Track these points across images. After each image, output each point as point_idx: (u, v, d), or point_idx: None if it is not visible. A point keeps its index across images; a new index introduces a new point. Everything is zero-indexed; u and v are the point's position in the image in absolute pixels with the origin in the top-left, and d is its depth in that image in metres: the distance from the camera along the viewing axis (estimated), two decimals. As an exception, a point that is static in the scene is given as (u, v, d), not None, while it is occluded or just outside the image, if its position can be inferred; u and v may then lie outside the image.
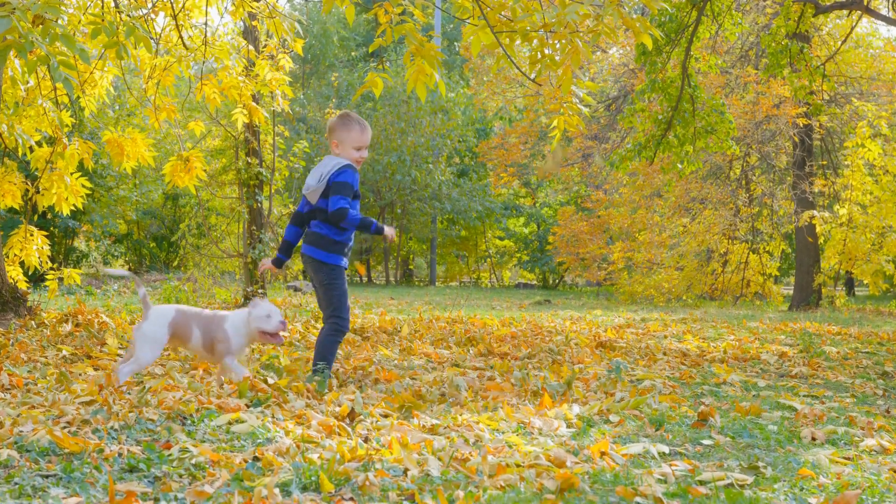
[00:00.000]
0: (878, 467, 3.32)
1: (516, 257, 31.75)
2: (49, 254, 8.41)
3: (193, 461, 3.01)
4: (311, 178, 4.85)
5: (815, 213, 15.45)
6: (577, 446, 3.49)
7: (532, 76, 5.42)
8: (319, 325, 7.80)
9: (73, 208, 8.24)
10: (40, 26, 4.09)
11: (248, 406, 4.00)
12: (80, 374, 4.93)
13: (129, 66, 10.16)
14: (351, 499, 2.73)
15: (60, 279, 8.59)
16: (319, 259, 4.82)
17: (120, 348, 5.95)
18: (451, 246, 32.09)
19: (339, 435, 3.58)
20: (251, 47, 8.98)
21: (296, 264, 19.99)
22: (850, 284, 26.02)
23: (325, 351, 4.77)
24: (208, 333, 4.55)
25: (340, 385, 4.89)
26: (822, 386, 5.61)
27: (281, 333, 4.63)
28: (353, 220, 4.73)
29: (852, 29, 13.12)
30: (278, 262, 5.03)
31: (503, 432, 3.73)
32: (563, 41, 4.95)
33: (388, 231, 4.86)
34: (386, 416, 4.00)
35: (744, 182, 18.76)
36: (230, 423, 3.59)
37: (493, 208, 28.70)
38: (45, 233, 8.54)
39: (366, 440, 3.49)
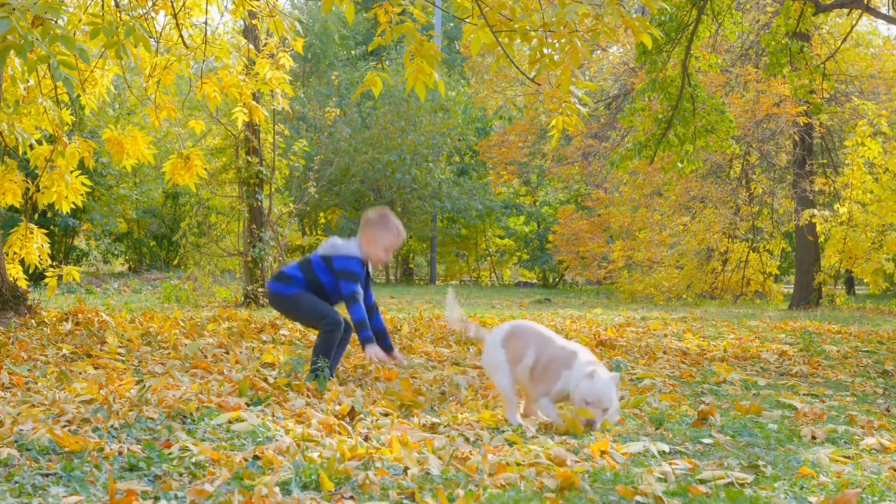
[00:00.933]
0: (878, 466, 3.32)
1: (516, 256, 31.74)
2: (49, 252, 8.40)
3: (193, 460, 3.01)
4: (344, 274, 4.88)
5: (816, 211, 15.44)
6: (577, 445, 3.49)
7: (531, 75, 5.41)
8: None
9: (73, 207, 8.24)
10: (40, 27, 4.09)
11: (248, 405, 4.00)
12: (80, 373, 4.94)
13: (129, 64, 10.16)
14: (351, 497, 2.74)
15: (60, 277, 8.59)
16: (278, 292, 4.94)
17: (120, 347, 5.95)
18: (451, 244, 32.08)
19: (340, 433, 3.58)
20: (251, 46, 8.98)
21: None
22: (850, 283, 26.01)
23: (322, 349, 4.78)
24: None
25: (341, 383, 4.89)
26: (823, 385, 5.61)
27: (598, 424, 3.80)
28: (358, 311, 4.77)
29: (852, 27, 13.11)
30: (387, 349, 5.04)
31: (503, 431, 3.73)
32: (563, 41, 4.94)
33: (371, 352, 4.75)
34: (386, 415, 4.00)
35: (744, 181, 18.75)
36: (230, 422, 3.59)
37: (494, 207, 28.69)
38: (45, 231, 8.54)
39: (366, 439, 3.49)
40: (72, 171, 8.06)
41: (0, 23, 3.93)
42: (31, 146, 7.71)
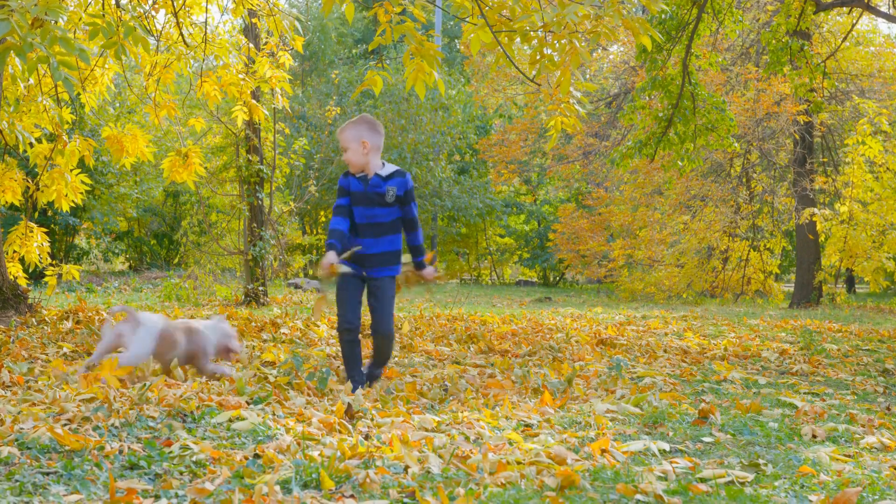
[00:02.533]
0: (878, 464, 3.32)
1: (517, 255, 31.73)
2: (49, 251, 8.40)
3: (194, 458, 3.02)
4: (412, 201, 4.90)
5: (816, 210, 15.44)
6: (577, 444, 3.49)
7: (531, 76, 5.41)
8: (320, 323, 7.81)
9: (73, 205, 8.24)
10: (39, 28, 4.08)
11: (248, 403, 4.00)
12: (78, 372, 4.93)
13: (129, 63, 10.16)
14: (351, 496, 2.74)
15: (60, 276, 8.59)
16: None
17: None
18: (451, 243, 32.07)
19: (340, 432, 3.58)
20: (251, 44, 8.98)
21: (297, 262, 20.01)
22: (850, 282, 26.00)
23: (343, 355, 4.82)
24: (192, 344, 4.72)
25: (341, 382, 4.89)
26: (823, 383, 5.61)
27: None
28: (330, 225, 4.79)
29: (853, 26, 13.10)
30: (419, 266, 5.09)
31: (504, 429, 3.73)
32: (563, 42, 4.94)
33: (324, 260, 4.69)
34: (387, 414, 4.00)
35: (744, 179, 18.75)
36: (231, 421, 3.59)
37: (494, 205, 28.67)
38: (46, 230, 8.53)
39: (366, 437, 3.49)
40: (72, 170, 8.06)
41: (-1, 25, 3.93)
42: (31, 144, 7.71)
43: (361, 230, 4.76)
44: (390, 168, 4.87)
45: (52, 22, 4.08)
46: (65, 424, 3.44)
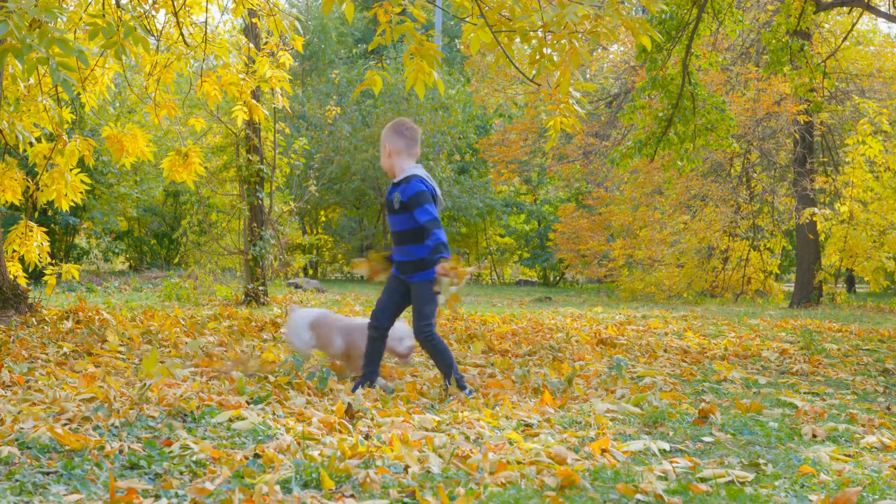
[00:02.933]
0: (878, 464, 3.32)
1: (517, 254, 31.73)
2: (49, 251, 8.40)
3: (194, 458, 3.02)
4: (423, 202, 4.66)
5: (816, 210, 15.43)
6: (577, 443, 3.49)
7: (531, 75, 5.41)
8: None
9: (73, 205, 8.23)
10: (38, 30, 4.08)
11: (248, 403, 4.00)
12: (81, 371, 4.93)
13: (129, 62, 10.16)
14: (352, 496, 2.74)
15: (59, 275, 8.58)
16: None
17: (120, 345, 5.95)
18: (451, 243, 32.07)
19: (340, 432, 3.58)
20: (251, 44, 8.98)
21: (297, 261, 20.01)
22: (850, 281, 26.00)
23: (365, 356, 4.81)
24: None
25: (341, 382, 4.89)
26: (823, 383, 5.61)
27: (410, 357, 4.99)
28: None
29: (853, 26, 13.10)
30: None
31: (504, 429, 3.73)
32: (562, 42, 4.94)
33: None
34: (387, 414, 4.00)
35: (744, 179, 18.75)
36: (231, 421, 3.59)
37: (494, 205, 28.68)
38: (46, 229, 8.53)
39: (366, 437, 3.49)
40: (72, 170, 8.05)
41: (-2, 27, 3.93)
42: (31, 144, 7.70)
43: (391, 237, 4.77)
44: (406, 174, 4.65)
45: (50, 23, 4.08)
46: (65, 424, 3.44)
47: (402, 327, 4.68)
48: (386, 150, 4.71)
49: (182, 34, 7.45)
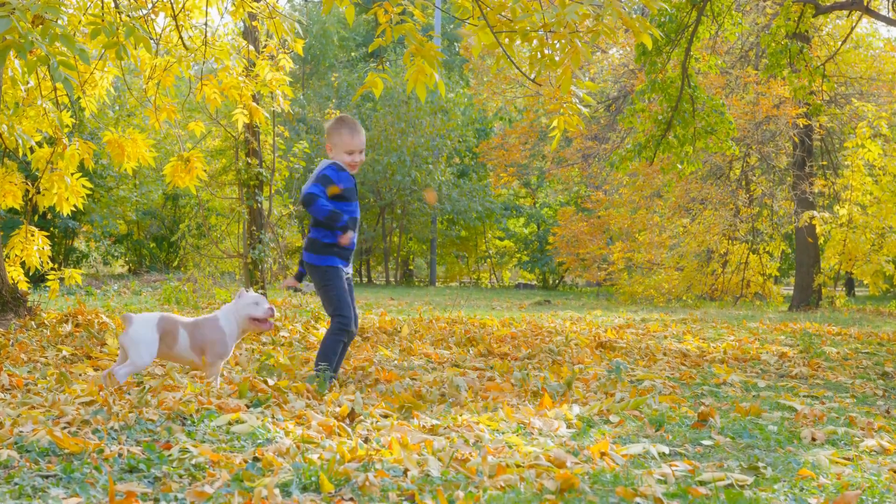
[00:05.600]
0: (878, 468, 3.32)
1: (516, 258, 31.73)
2: (50, 254, 8.40)
3: (193, 461, 3.01)
4: (307, 183, 4.87)
5: (815, 213, 15.44)
6: (577, 447, 3.49)
7: (532, 76, 5.41)
8: (320, 326, 7.80)
9: (73, 209, 8.24)
10: (40, 26, 4.08)
11: (248, 406, 4.00)
12: (80, 375, 4.93)
13: (129, 66, 10.16)
14: (351, 499, 2.73)
15: (61, 279, 8.59)
16: (311, 263, 4.87)
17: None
18: (451, 246, 32.08)
19: (339, 435, 3.58)
20: (251, 47, 8.98)
21: (296, 265, 20.00)
22: (850, 285, 26.01)
23: (328, 351, 4.79)
24: (199, 336, 4.54)
25: (341, 385, 4.89)
26: (822, 386, 5.61)
27: (270, 319, 4.66)
28: (321, 208, 4.71)
29: (852, 29, 13.12)
30: (299, 276, 5.05)
31: (503, 433, 3.73)
32: (563, 41, 4.94)
33: (345, 238, 4.80)
34: (386, 417, 4.00)
35: (744, 182, 18.76)
36: (230, 424, 3.59)
37: (493, 209, 28.69)
38: (46, 233, 8.53)
39: (366, 440, 3.49)
40: (72, 173, 8.06)
41: (0, 22, 3.93)
42: (31, 148, 7.71)
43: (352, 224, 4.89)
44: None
45: (53, 20, 4.08)
46: (64, 427, 3.44)
47: (253, 294, 4.66)
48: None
49: (181, 37, 7.45)
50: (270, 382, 4.52)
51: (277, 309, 10.77)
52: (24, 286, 7.92)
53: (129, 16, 5.98)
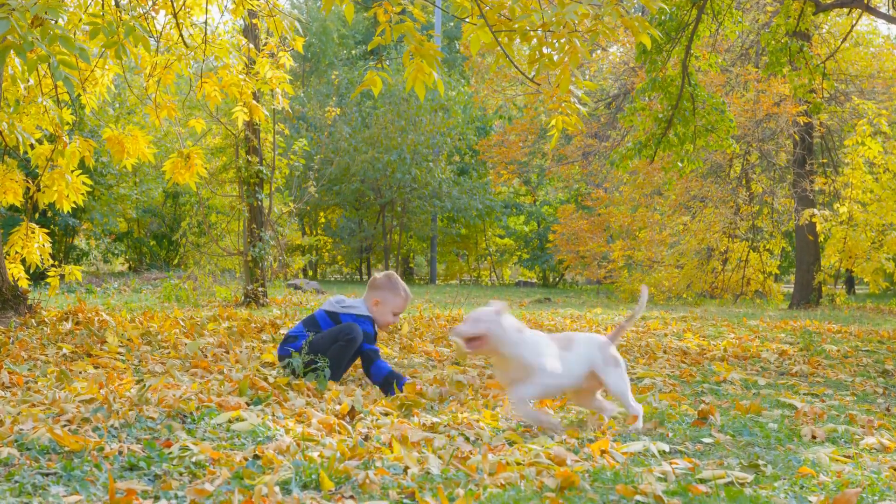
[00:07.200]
0: (878, 465, 3.32)
1: (516, 255, 31.75)
2: (50, 252, 8.40)
3: (193, 459, 3.01)
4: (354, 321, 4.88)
5: (816, 211, 15.44)
6: (577, 444, 3.49)
7: (531, 75, 5.41)
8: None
9: (73, 206, 8.23)
10: (39, 27, 4.08)
11: (248, 404, 4.00)
12: (80, 373, 4.93)
13: (129, 63, 10.16)
14: (351, 497, 2.73)
15: (62, 276, 8.59)
16: (283, 354, 4.96)
17: (120, 346, 5.95)
18: (451, 244, 32.10)
19: (340, 433, 3.58)
20: (251, 45, 8.98)
21: (296, 262, 19.99)
22: (850, 282, 26.02)
23: (335, 357, 4.77)
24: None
25: (341, 383, 4.89)
26: (823, 384, 5.61)
27: None
28: (382, 368, 4.75)
29: (852, 27, 13.11)
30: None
31: (503, 430, 3.73)
32: (562, 41, 4.94)
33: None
34: (386, 415, 4.00)
35: (744, 180, 18.76)
36: (230, 422, 3.59)
37: (494, 206, 28.70)
38: (46, 231, 8.53)
39: (366, 438, 3.49)
40: (72, 171, 8.05)
41: (-1, 23, 3.93)
42: (31, 146, 7.70)
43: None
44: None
45: (52, 21, 4.08)
46: (64, 425, 3.44)
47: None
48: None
49: (182, 35, 7.45)
50: (270, 380, 4.52)
51: (278, 307, 10.77)
52: (24, 284, 7.92)
53: (129, 14, 5.98)
